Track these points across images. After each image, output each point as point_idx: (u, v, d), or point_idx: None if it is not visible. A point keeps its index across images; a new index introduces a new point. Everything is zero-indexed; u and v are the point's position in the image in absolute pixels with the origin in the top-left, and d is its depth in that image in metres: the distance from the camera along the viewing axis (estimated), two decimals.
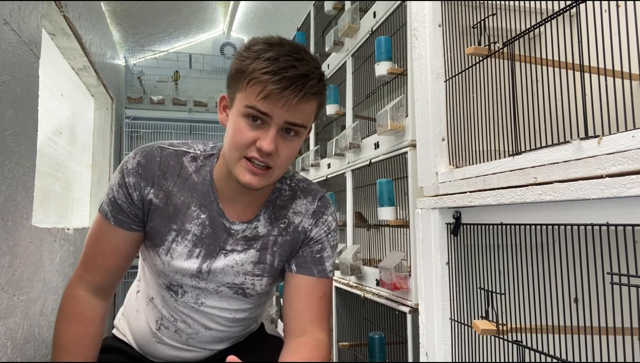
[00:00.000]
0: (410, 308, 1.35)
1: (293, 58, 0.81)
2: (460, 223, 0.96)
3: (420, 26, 1.11)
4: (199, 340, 1.03)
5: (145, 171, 0.92)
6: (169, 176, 0.93)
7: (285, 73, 0.79)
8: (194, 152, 0.96)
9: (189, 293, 0.98)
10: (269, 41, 0.84)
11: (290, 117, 0.83)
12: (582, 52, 0.68)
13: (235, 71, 0.85)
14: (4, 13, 1.12)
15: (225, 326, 1.04)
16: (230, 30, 4.69)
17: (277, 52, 0.81)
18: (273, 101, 0.80)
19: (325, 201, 1.03)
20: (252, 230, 0.97)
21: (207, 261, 0.95)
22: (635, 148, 0.57)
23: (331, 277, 0.99)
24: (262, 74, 0.79)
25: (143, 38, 4.27)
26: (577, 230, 0.68)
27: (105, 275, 0.96)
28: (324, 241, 1.00)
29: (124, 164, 0.93)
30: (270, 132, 0.83)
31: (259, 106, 0.81)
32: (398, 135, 1.49)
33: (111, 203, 0.93)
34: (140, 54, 4.56)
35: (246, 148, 0.84)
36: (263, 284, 1.00)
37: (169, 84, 4.64)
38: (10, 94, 1.17)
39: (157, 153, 0.94)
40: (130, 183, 0.92)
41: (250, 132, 0.83)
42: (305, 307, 0.94)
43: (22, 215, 1.25)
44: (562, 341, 0.73)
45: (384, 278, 1.47)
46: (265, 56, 0.81)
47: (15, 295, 1.18)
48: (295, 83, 0.80)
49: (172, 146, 0.96)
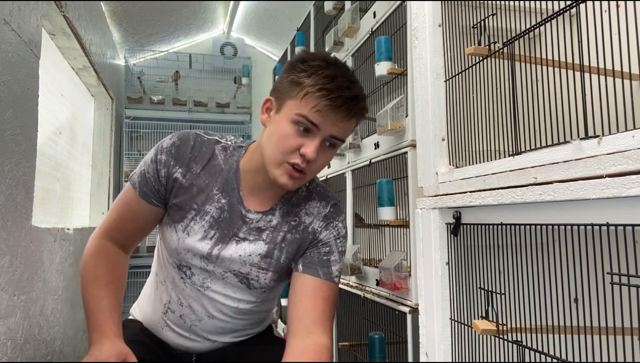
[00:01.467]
0: (410, 308, 1.35)
1: (348, 80, 0.89)
2: (460, 223, 0.96)
3: (420, 26, 1.12)
4: (202, 328, 1.06)
5: (178, 151, 0.99)
6: (199, 160, 1.00)
7: (341, 93, 0.87)
8: (225, 142, 1.03)
9: (196, 275, 1.03)
10: (326, 59, 0.91)
11: (335, 131, 0.90)
12: (582, 52, 0.68)
13: (291, 81, 0.91)
14: (4, 13, 1.12)
15: (228, 316, 1.06)
16: (230, 30, 4.69)
17: (335, 71, 0.89)
18: (325, 115, 0.88)
19: (337, 208, 1.07)
20: (266, 222, 1.01)
21: (218, 244, 1.00)
22: (635, 148, 0.57)
23: (337, 282, 1.00)
24: (320, 90, 0.87)
25: (143, 38, 4.27)
26: (577, 230, 0.68)
27: (124, 235, 1.04)
28: (332, 244, 1.02)
29: (161, 143, 1.01)
30: (316, 141, 0.89)
31: (310, 117, 0.88)
32: (398, 135, 1.49)
33: (141, 174, 1.00)
34: (140, 54, 4.56)
35: (290, 153, 0.90)
36: (267, 278, 1.03)
37: (169, 84, 4.63)
38: (10, 94, 1.17)
39: (192, 138, 1.01)
40: (162, 160, 0.98)
41: (297, 138, 0.89)
42: (309, 307, 0.95)
43: (22, 215, 1.25)
44: (562, 341, 0.73)
45: (384, 278, 1.47)
46: (324, 73, 0.88)
47: (15, 295, 1.18)
48: (348, 103, 0.88)
49: (207, 135, 1.03)
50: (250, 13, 4.29)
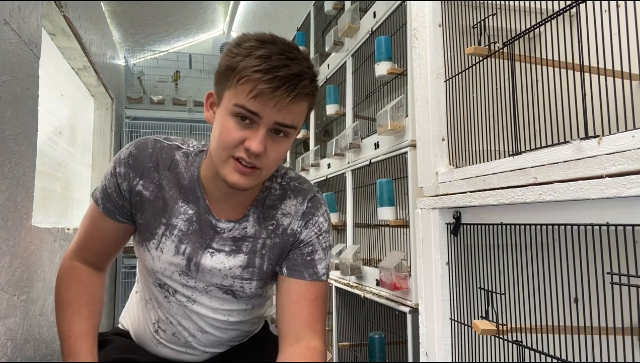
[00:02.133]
0: (410, 308, 1.35)
1: (286, 57, 0.79)
2: (460, 223, 0.96)
3: (420, 26, 1.11)
4: (198, 343, 1.03)
5: (136, 161, 0.92)
6: (160, 168, 0.93)
7: (277, 72, 0.77)
8: (186, 148, 0.96)
9: (179, 292, 0.98)
10: (260, 38, 0.81)
11: (280, 118, 0.80)
12: (582, 52, 0.68)
13: (225, 67, 0.82)
14: (4, 13, 1.12)
15: (222, 330, 1.03)
16: (230, 30, 4.69)
17: (270, 50, 0.78)
18: (264, 100, 0.78)
19: (316, 201, 0.99)
20: (240, 231, 0.95)
21: (192, 259, 0.95)
22: (635, 148, 0.57)
23: (324, 280, 0.96)
24: (253, 72, 0.77)
25: (143, 38, 4.27)
26: (577, 230, 0.68)
27: (95, 255, 0.99)
28: (315, 243, 0.96)
29: (119, 154, 0.94)
30: (260, 133, 0.80)
31: (248, 106, 0.79)
32: (398, 135, 1.49)
33: (103, 190, 0.94)
34: (140, 54, 4.56)
35: (234, 148, 0.82)
36: (253, 287, 0.98)
37: (169, 84, 4.64)
38: (10, 94, 1.17)
39: (151, 145, 0.94)
40: (121, 173, 0.92)
41: (238, 131, 0.81)
42: (297, 312, 0.92)
43: (22, 215, 1.25)
44: (562, 341, 0.73)
45: (384, 278, 1.47)
46: (257, 53, 0.78)
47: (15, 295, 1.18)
48: (288, 83, 0.78)
49: (167, 140, 0.96)
50: (250, 13, 4.29)
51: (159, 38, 4.40)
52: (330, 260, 1.01)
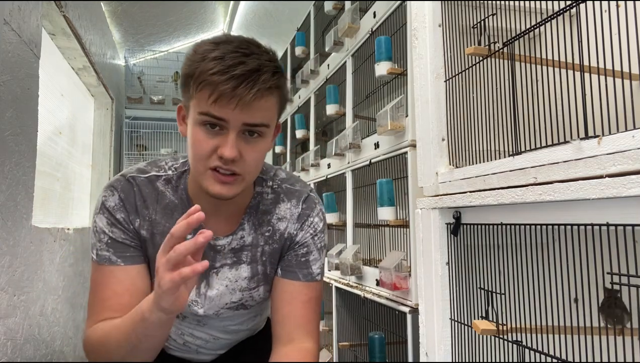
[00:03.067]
0: (410, 308, 1.35)
1: (241, 54, 0.76)
2: (460, 223, 0.96)
3: (420, 26, 1.11)
4: (210, 348, 1.04)
5: (129, 204, 0.88)
6: (149, 204, 0.89)
7: (233, 71, 0.74)
8: (165, 174, 0.92)
9: (189, 317, 0.98)
10: (214, 40, 0.79)
11: (247, 118, 0.77)
12: (582, 52, 0.68)
13: (185, 77, 0.80)
14: (4, 13, 1.12)
15: (233, 333, 1.04)
16: (230, 30, 4.69)
17: (223, 50, 0.76)
18: (226, 102, 0.75)
19: (310, 201, 0.97)
20: (238, 241, 0.93)
21: (201, 283, 0.93)
22: (635, 148, 0.57)
23: (319, 280, 0.96)
24: (210, 76, 0.74)
25: (143, 38, 4.27)
26: (577, 230, 0.68)
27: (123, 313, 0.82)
28: (310, 244, 0.95)
29: (105, 204, 0.88)
30: (230, 138, 0.77)
31: (212, 111, 0.76)
32: (398, 135, 1.49)
33: (110, 245, 0.87)
34: (140, 54, 4.56)
35: (208, 158, 0.79)
36: (260, 293, 0.98)
37: (169, 84, 4.64)
38: (10, 94, 1.17)
39: (132, 183, 0.89)
40: (121, 219, 0.87)
41: (209, 140, 0.78)
42: (290, 313, 0.91)
43: (22, 215, 1.25)
44: (562, 341, 0.73)
45: (384, 278, 1.47)
46: (211, 56, 0.76)
47: (15, 295, 1.18)
48: (246, 80, 0.74)
49: (142, 174, 0.91)
50: (250, 13, 4.29)
51: (159, 38, 4.40)
52: (325, 258, 1.00)
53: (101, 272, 0.87)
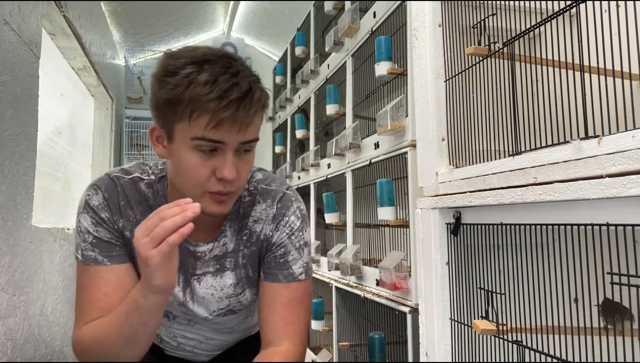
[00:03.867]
0: (410, 308, 1.35)
1: (230, 75, 0.75)
2: (460, 223, 0.96)
3: (420, 26, 1.11)
4: (204, 349, 1.05)
5: (113, 204, 0.88)
6: (133, 204, 0.89)
7: (230, 96, 0.73)
8: (148, 178, 0.91)
9: (179, 317, 0.98)
10: (193, 60, 0.75)
11: (243, 137, 0.78)
12: (582, 52, 0.68)
13: (165, 101, 0.76)
14: (4, 13, 1.12)
15: (226, 334, 1.05)
16: (230, 30, 4.69)
17: (211, 72, 0.74)
18: (225, 127, 0.74)
19: (285, 200, 0.95)
20: (221, 248, 0.93)
21: (187, 288, 0.93)
22: (635, 148, 0.57)
23: (303, 279, 0.93)
24: (207, 103, 0.72)
25: (143, 38, 4.27)
26: (577, 230, 0.68)
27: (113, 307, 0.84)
28: (287, 244, 0.93)
29: (89, 203, 0.87)
30: (228, 158, 0.77)
31: (210, 136, 0.75)
32: (398, 135, 1.49)
33: (95, 245, 0.86)
34: (140, 54, 4.56)
35: (206, 182, 0.78)
36: (247, 296, 0.98)
37: None
38: (10, 94, 1.17)
39: (116, 183, 0.89)
40: (106, 218, 0.87)
41: (205, 164, 0.77)
42: (269, 315, 0.91)
43: (22, 215, 1.25)
44: (562, 341, 0.73)
45: (384, 278, 1.47)
46: (199, 79, 0.73)
47: (15, 295, 1.18)
48: (243, 103, 0.75)
49: (126, 175, 0.91)
50: (250, 13, 4.29)
51: (159, 38, 4.40)
52: (308, 256, 0.97)
53: (88, 273, 0.86)
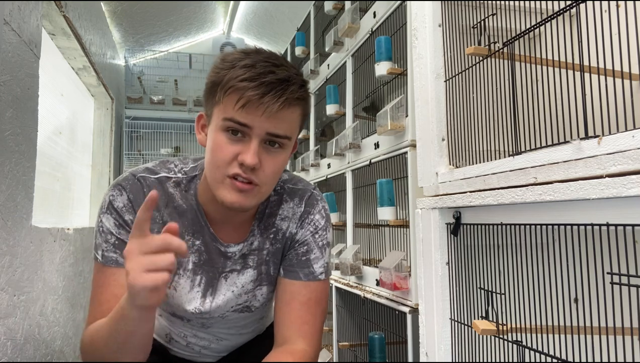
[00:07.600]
0: (410, 308, 1.35)
1: (271, 64, 0.77)
2: (460, 223, 0.96)
3: (420, 26, 1.11)
4: (213, 349, 1.04)
5: (138, 206, 0.85)
6: (160, 206, 0.88)
7: (263, 78, 0.75)
8: (175, 176, 0.90)
9: (193, 321, 0.98)
10: (244, 50, 0.80)
11: (272, 127, 0.77)
12: (582, 52, 0.68)
13: (211, 84, 0.80)
14: (4, 13, 1.12)
15: (238, 335, 1.04)
16: (230, 30, 4.69)
17: (254, 59, 0.77)
18: (252, 109, 0.75)
19: (312, 199, 0.96)
20: (248, 247, 0.93)
21: (209, 289, 0.93)
22: (635, 148, 0.57)
23: (322, 279, 0.93)
24: (239, 82, 0.75)
25: (143, 38, 4.27)
26: (577, 230, 0.68)
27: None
28: (310, 242, 0.94)
29: (113, 203, 0.85)
30: (252, 145, 0.77)
31: (237, 117, 0.76)
32: (398, 135, 1.49)
33: (118, 247, 0.84)
34: (140, 54, 4.56)
35: (228, 165, 0.78)
36: (264, 293, 0.98)
37: (169, 84, 4.64)
38: (10, 94, 1.17)
39: (142, 184, 0.87)
40: (129, 221, 0.85)
41: (230, 146, 0.78)
42: (286, 313, 0.90)
43: (22, 215, 1.25)
44: (562, 341, 0.73)
45: (384, 278, 1.47)
46: (241, 63, 0.76)
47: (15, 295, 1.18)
48: (275, 88, 0.75)
49: (152, 174, 0.89)
50: (250, 13, 4.29)
51: (159, 38, 4.40)
52: (330, 258, 0.98)
53: (104, 274, 0.85)
